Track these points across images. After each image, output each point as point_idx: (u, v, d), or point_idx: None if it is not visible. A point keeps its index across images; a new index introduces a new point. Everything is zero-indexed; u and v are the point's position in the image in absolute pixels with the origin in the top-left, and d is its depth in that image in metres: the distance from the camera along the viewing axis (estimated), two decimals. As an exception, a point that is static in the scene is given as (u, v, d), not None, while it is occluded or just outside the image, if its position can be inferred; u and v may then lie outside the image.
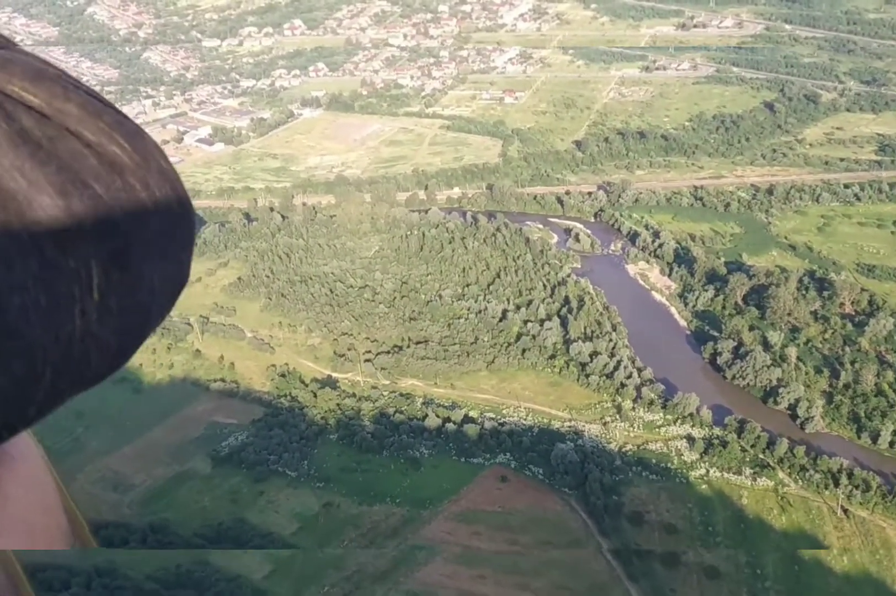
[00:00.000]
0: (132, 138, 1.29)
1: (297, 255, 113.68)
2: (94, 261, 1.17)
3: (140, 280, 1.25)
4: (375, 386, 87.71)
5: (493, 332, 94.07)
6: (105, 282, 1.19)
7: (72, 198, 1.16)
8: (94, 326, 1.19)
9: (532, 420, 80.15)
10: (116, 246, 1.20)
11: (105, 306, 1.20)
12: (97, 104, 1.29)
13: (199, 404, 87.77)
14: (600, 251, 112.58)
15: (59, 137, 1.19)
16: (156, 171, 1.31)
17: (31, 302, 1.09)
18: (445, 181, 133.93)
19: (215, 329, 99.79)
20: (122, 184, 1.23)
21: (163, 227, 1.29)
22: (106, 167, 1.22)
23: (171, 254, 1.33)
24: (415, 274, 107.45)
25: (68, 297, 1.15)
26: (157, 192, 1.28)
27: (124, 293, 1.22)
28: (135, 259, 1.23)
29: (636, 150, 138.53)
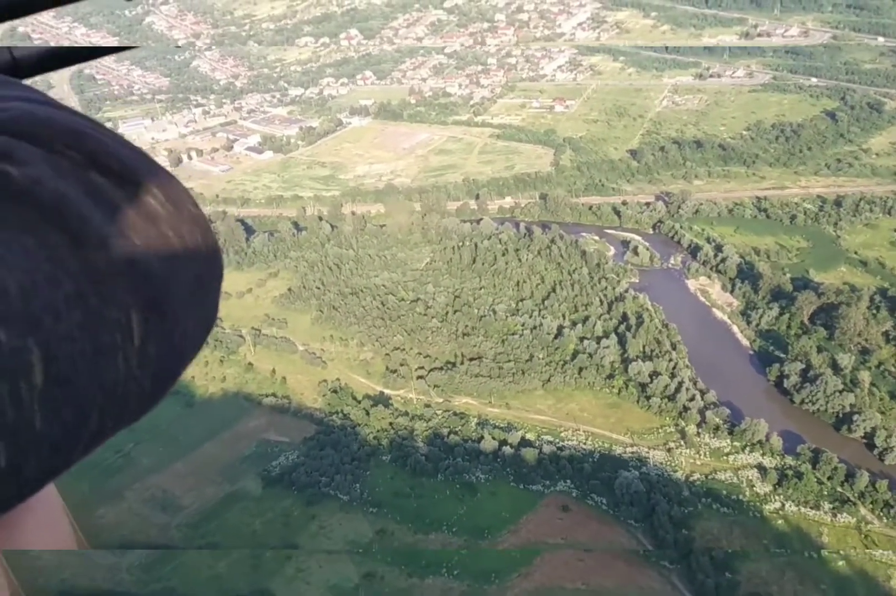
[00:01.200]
0: (165, 188, 1.36)
1: (348, 266, 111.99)
2: (134, 309, 1.23)
3: (176, 325, 1.31)
4: (429, 404, 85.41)
5: (549, 349, 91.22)
6: (144, 328, 1.24)
7: (112, 249, 1.21)
8: (134, 371, 1.24)
9: (592, 444, 77.10)
10: (154, 294, 1.26)
11: (144, 351, 1.25)
12: (133, 156, 1.35)
13: (250, 420, 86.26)
14: (659, 265, 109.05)
15: (99, 192, 1.25)
16: (188, 219, 1.37)
17: (78, 351, 1.14)
18: (497, 190, 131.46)
19: (267, 342, 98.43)
20: (157, 233, 1.29)
21: (195, 273, 1.37)
22: (142, 218, 1.28)
23: (202, 298, 1.41)
24: (467, 287, 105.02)
25: (112, 344, 1.20)
26: (189, 239, 1.35)
27: (161, 338, 1.27)
28: (171, 305, 1.29)
29: (693, 160, 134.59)
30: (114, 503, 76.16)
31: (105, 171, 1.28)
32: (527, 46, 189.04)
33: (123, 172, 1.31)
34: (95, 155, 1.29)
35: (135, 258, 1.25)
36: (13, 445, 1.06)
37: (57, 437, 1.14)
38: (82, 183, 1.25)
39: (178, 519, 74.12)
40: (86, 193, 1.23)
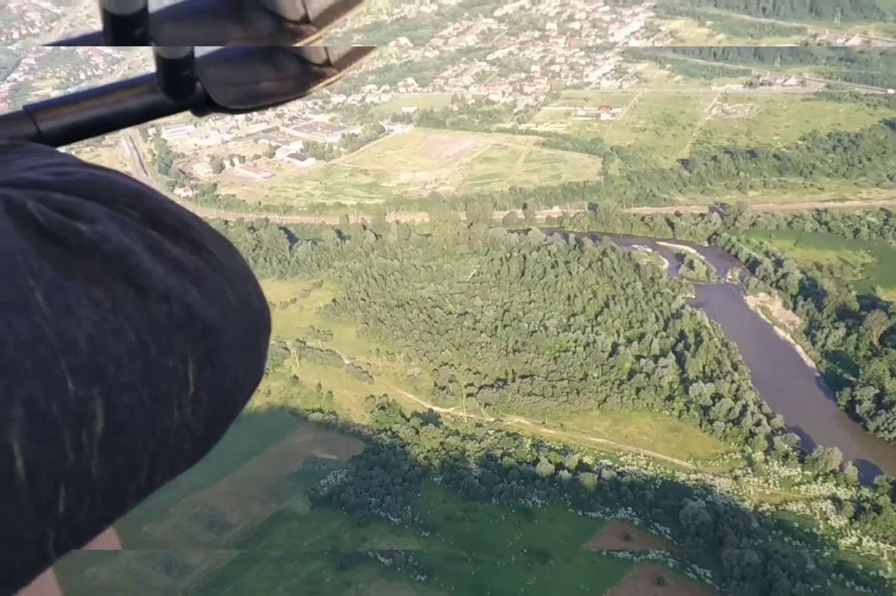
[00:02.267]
0: (218, 246, 1.42)
1: (393, 277, 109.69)
2: (191, 359, 1.27)
3: (228, 374, 1.35)
4: (480, 423, 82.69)
5: (604, 367, 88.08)
6: (199, 378, 1.28)
7: (173, 302, 1.26)
8: (188, 419, 1.27)
9: (653, 470, 73.87)
10: (209, 345, 1.30)
11: (198, 400, 1.29)
12: (187, 216, 1.42)
13: (296, 436, 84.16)
14: (716, 280, 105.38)
15: (159, 247, 1.31)
16: (239, 274, 1.43)
17: (136, 400, 1.18)
18: (544, 200, 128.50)
19: (312, 354, 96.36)
20: (212, 288, 1.34)
21: (247, 325, 1.41)
22: (198, 272, 1.33)
23: (253, 349, 1.44)
24: (517, 301, 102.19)
25: (168, 393, 1.23)
26: (241, 294, 1.40)
27: (214, 387, 1.32)
28: (224, 356, 1.33)
29: (747, 170, 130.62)
30: (159, 520, 74.28)
31: (162, 229, 1.35)
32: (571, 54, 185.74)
33: (179, 229, 1.37)
34: (153, 213, 1.36)
35: (193, 311, 1.29)
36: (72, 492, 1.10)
37: (111, 485, 1.18)
38: (144, 239, 1.29)
39: (226, 537, 72.12)
40: (147, 249, 1.28)
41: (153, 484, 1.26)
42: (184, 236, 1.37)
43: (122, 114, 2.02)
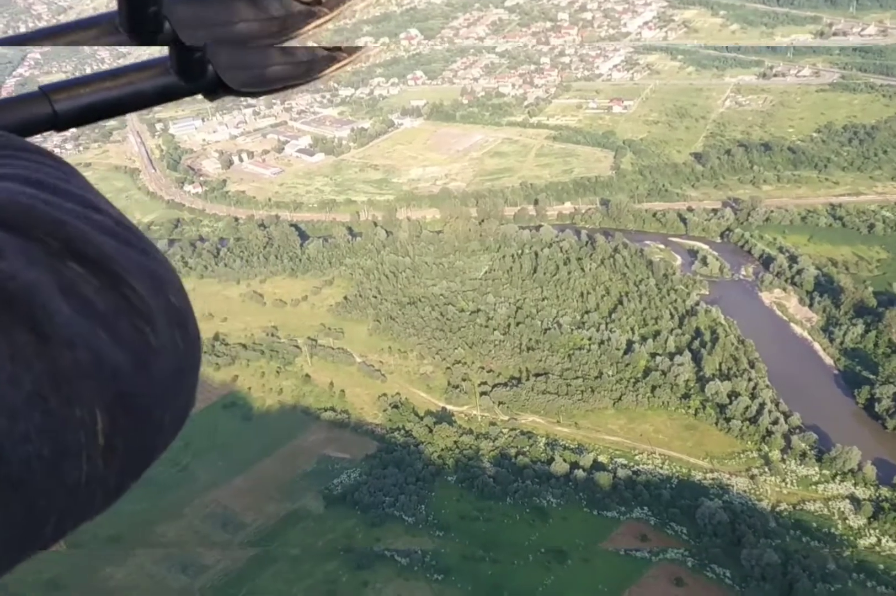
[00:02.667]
0: (145, 278, 1.30)
1: (405, 275, 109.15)
2: (99, 408, 1.18)
3: (147, 420, 1.25)
4: (494, 422, 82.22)
5: (618, 365, 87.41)
6: (111, 427, 1.19)
7: (79, 347, 1.17)
8: (99, 470, 1.19)
9: (669, 469, 73.29)
10: (122, 391, 1.21)
11: (111, 449, 1.20)
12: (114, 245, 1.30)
13: (309, 435, 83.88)
14: (730, 276, 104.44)
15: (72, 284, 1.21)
16: (165, 311, 1.31)
17: (34, 453, 1.11)
18: (555, 195, 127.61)
19: (324, 353, 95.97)
20: (130, 328, 1.24)
21: (170, 367, 1.30)
22: (114, 312, 1.24)
23: (177, 391, 1.33)
24: (529, 298, 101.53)
25: (74, 445, 1.16)
26: (165, 333, 1.30)
27: (130, 435, 1.22)
28: (141, 402, 1.24)
29: (761, 164, 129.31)
30: (173, 520, 74.29)
31: (81, 261, 1.24)
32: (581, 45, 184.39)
33: (100, 262, 1.25)
34: (73, 243, 1.24)
35: (102, 356, 1.20)
36: None
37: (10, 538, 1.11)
38: (55, 274, 1.21)
39: (240, 536, 71.96)
40: (58, 286, 1.20)
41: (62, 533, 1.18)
42: (104, 271, 1.26)
43: (136, 95, 2.03)
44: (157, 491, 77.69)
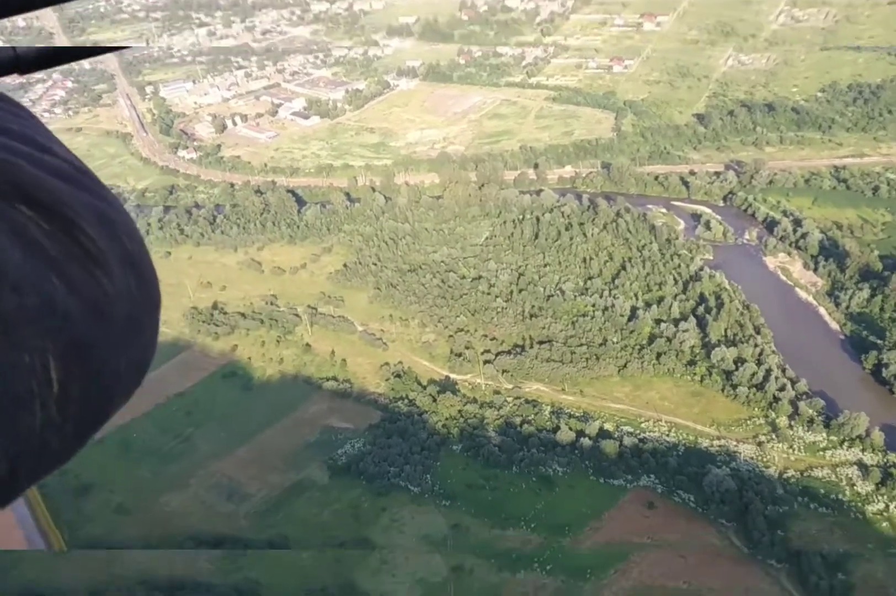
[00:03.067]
0: (99, 223, 1.28)
1: (404, 241, 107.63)
2: (52, 354, 1.16)
3: (103, 367, 1.25)
4: (498, 390, 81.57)
5: (623, 332, 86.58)
6: (65, 374, 1.18)
7: (26, 294, 1.14)
8: (54, 417, 1.18)
9: (676, 436, 72.89)
10: (74, 337, 1.18)
11: (66, 396, 1.19)
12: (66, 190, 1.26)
13: (311, 405, 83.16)
14: (733, 240, 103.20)
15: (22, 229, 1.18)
16: (120, 256, 1.29)
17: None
18: (556, 159, 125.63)
19: (324, 321, 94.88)
20: (82, 273, 1.22)
21: (125, 312, 1.29)
22: (66, 257, 1.21)
23: (135, 337, 1.32)
24: (531, 264, 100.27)
25: (26, 392, 1.14)
26: (122, 280, 1.28)
27: (86, 382, 1.21)
28: (95, 348, 1.22)
29: (764, 125, 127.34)
30: (178, 490, 73.83)
31: (33, 205, 1.21)
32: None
33: (52, 206, 1.23)
34: (24, 187, 1.21)
35: (53, 301, 1.16)
36: None
37: None
38: (4, 218, 1.17)
39: (245, 507, 71.60)
40: (8, 230, 1.16)
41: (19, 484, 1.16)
42: (56, 215, 1.22)
43: None
44: (160, 461, 77.52)
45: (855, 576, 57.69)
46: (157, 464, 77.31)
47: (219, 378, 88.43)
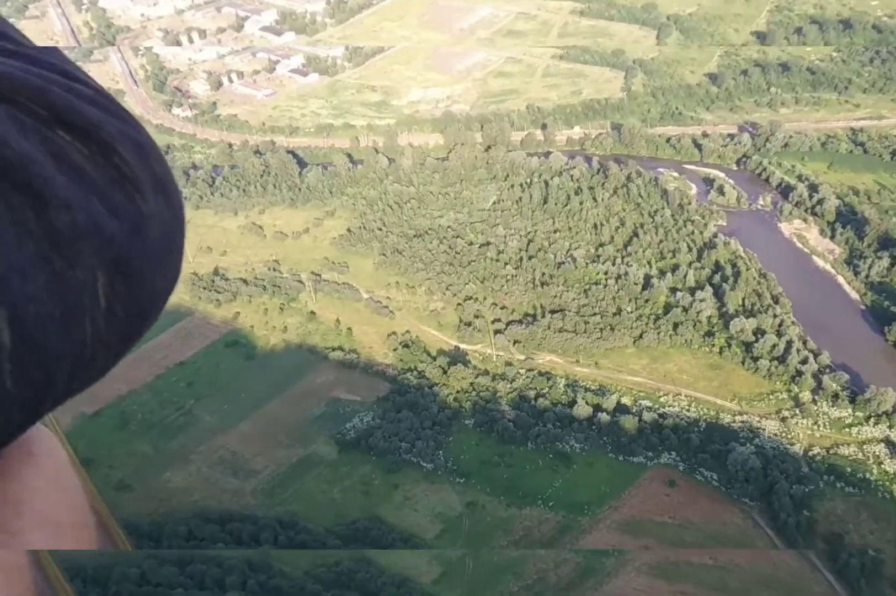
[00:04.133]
0: (132, 147, 1.36)
1: (409, 205, 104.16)
2: (100, 271, 1.25)
3: (142, 286, 1.33)
4: (510, 362, 79.25)
5: (637, 301, 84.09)
6: (110, 290, 1.26)
7: (75, 212, 1.21)
8: (102, 332, 1.27)
9: (696, 411, 70.93)
10: (118, 255, 1.27)
11: (111, 312, 1.27)
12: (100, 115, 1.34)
13: (317, 376, 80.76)
14: (747, 206, 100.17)
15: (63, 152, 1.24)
16: (152, 179, 1.37)
17: (46, 313, 1.16)
18: (564, 119, 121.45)
19: (329, 288, 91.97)
20: (120, 194, 1.29)
21: (159, 233, 1.37)
22: (105, 179, 1.28)
23: (167, 258, 1.40)
24: (541, 230, 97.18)
25: (79, 306, 1.22)
26: (153, 200, 1.36)
27: (128, 299, 1.30)
28: (136, 266, 1.30)
29: (779, 85, 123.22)
30: (181, 466, 71.74)
31: (70, 130, 1.27)
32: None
33: (89, 131, 1.29)
34: (61, 112, 1.27)
35: (97, 220, 1.24)
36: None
37: (27, 397, 1.18)
38: (47, 142, 1.23)
39: (252, 485, 69.64)
40: (50, 154, 1.22)
41: (69, 394, 1.27)
42: (93, 139, 1.29)
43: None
44: (161, 435, 75.28)
45: (818, 513, 60.37)
46: (158, 438, 75.07)
47: (221, 347, 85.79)
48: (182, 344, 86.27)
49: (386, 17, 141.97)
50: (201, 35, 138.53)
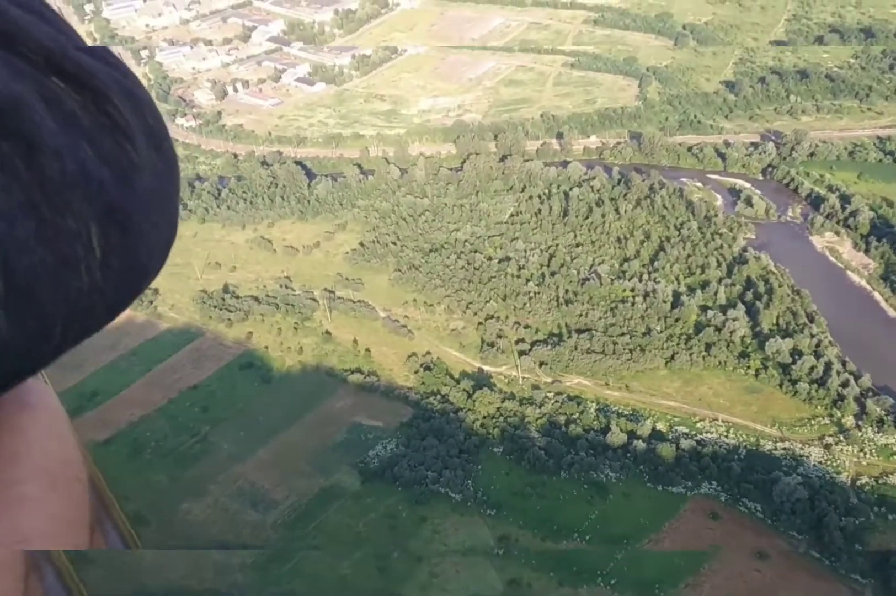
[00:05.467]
0: (125, 97, 1.34)
1: (424, 218, 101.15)
2: (93, 221, 1.23)
3: (138, 239, 1.31)
4: (537, 385, 76.21)
5: (667, 320, 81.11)
6: (105, 241, 1.25)
7: (66, 160, 1.19)
8: (99, 283, 1.25)
9: (735, 438, 67.91)
10: (111, 205, 1.25)
11: (107, 264, 1.26)
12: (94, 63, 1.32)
13: (336, 400, 77.65)
14: (776, 218, 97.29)
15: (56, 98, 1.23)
16: (145, 130, 1.36)
17: (38, 262, 1.14)
18: (579, 128, 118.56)
19: (344, 307, 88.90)
20: (113, 144, 1.28)
21: (153, 186, 1.35)
22: (98, 128, 1.27)
23: (162, 211, 1.38)
24: (562, 244, 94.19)
25: (73, 256, 1.19)
26: (146, 152, 1.34)
27: (124, 252, 1.28)
28: (130, 218, 1.29)
29: (798, 92, 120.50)
30: (199, 497, 68.55)
31: (65, 76, 1.26)
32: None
33: (83, 78, 1.28)
34: (55, 58, 1.26)
35: (88, 169, 1.23)
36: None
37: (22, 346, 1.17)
38: (39, 88, 1.22)
39: (272, 517, 66.47)
40: (43, 99, 1.21)
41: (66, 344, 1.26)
42: (88, 86, 1.28)
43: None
44: (176, 464, 72.15)
45: (870, 546, 56.44)
46: (174, 467, 71.88)
47: (235, 369, 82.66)
48: (195, 366, 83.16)
49: (395, 28, 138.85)
50: (244, 85, 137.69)
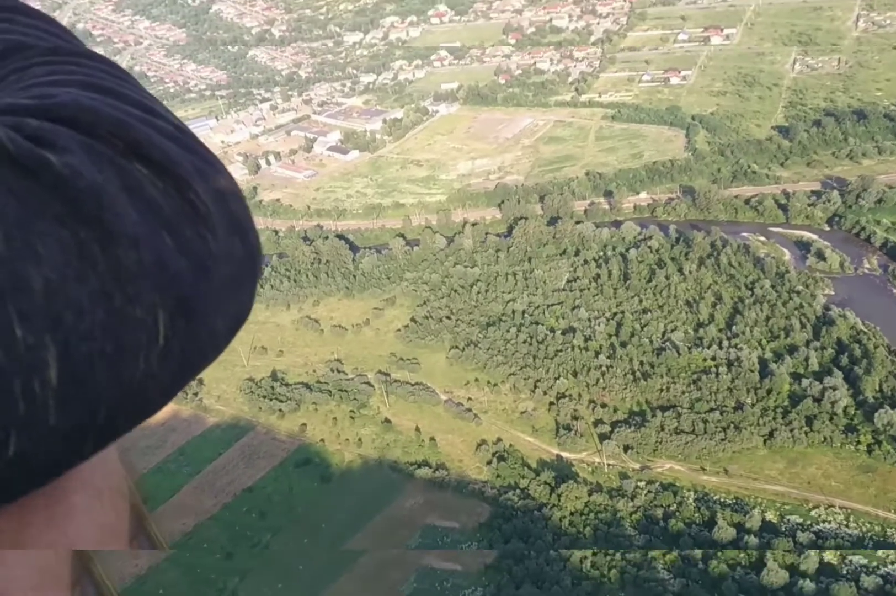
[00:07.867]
0: (209, 184, 1.32)
1: (476, 289, 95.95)
2: (161, 309, 1.21)
3: (203, 325, 1.29)
4: (625, 473, 69.50)
5: (758, 392, 74.36)
6: (170, 328, 1.23)
7: (143, 249, 1.18)
8: (155, 369, 1.23)
9: (858, 528, 60.48)
10: (183, 294, 1.23)
11: (168, 350, 1.24)
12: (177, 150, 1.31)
13: (405, 499, 71.29)
14: (852, 271, 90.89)
15: (137, 186, 1.22)
16: (227, 218, 1.34)
17: (97, 351, 1.13)
18: (628, 184, 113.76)
19: (401, 390, 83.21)
20: (192, 233, 1.26)
21: (229, 273, 1.32)
22: (178, 216, 1.25)
23: (234, 298, 1.37)
24: (627, 310, 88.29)
25: (135, 344, 1.18)
26: (226, 240, 1.32)
27: (187, 338, 1.26)
28: (199, 306, 1.27)
29: (856, 135, 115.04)
30: (262, 620, 62.03)
31: (146, 164, 1.25)
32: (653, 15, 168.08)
33: (165, 165, 1.26)
34: (138, 145, 1.25)
35: (165, 259, 1.20)
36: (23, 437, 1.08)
37: (69, 432, 1.15)
38: (121, 175, 1.21)
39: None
40: (123, 187, 1.20)
41: (115, 432, 1.24)
42: (169, 174, 1.26)
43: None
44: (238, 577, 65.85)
45: None
46: (236, 580, 65.62)
47: (291, 467, 76.83)
48: (247, 465, 77.46)
49: (436, 131, 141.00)
50: (276, 157, 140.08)
